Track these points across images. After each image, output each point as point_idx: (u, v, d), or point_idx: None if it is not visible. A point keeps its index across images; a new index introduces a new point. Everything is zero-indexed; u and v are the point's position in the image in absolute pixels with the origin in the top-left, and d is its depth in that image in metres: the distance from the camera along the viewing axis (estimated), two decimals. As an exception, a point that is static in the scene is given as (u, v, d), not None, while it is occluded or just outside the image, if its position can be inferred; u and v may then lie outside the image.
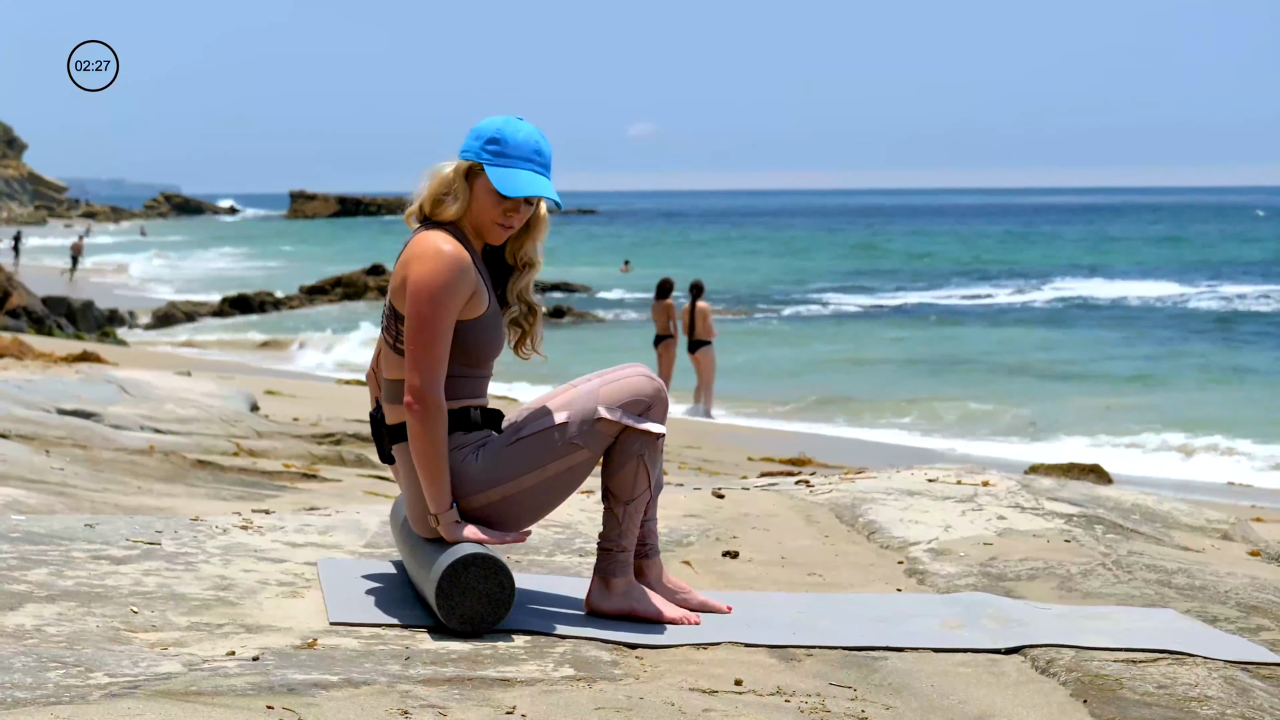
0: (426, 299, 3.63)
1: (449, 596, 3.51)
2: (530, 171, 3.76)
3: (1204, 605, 4.20)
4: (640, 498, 3.76)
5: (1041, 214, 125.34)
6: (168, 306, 35.20)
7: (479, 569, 3.52)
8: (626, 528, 3.77)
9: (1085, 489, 6.07)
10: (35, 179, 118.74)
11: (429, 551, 3.67)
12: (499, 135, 3.76)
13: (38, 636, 3.28)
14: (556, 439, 3.72)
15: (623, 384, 3.75)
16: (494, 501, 3.72)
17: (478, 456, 3.72)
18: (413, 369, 3.64)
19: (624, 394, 3.74)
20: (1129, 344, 28.32)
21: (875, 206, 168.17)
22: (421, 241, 3.70)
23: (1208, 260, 57.26)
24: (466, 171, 3.76)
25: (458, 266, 3.66)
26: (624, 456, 3.74)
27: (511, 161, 3.76)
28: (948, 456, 14.69)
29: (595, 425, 3.72)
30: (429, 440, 3.63)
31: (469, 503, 3.72)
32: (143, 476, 8.23)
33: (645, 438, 3.73)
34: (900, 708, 3.19)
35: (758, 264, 58.16)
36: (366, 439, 10.86)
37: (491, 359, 3.81)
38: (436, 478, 3.65)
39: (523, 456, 3.72)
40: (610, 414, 3.71)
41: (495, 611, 3.53)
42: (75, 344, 20.43)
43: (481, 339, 3.74)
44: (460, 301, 3.67)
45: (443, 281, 3.64)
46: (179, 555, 4.18)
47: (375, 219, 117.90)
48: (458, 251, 3.68)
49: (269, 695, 2.92)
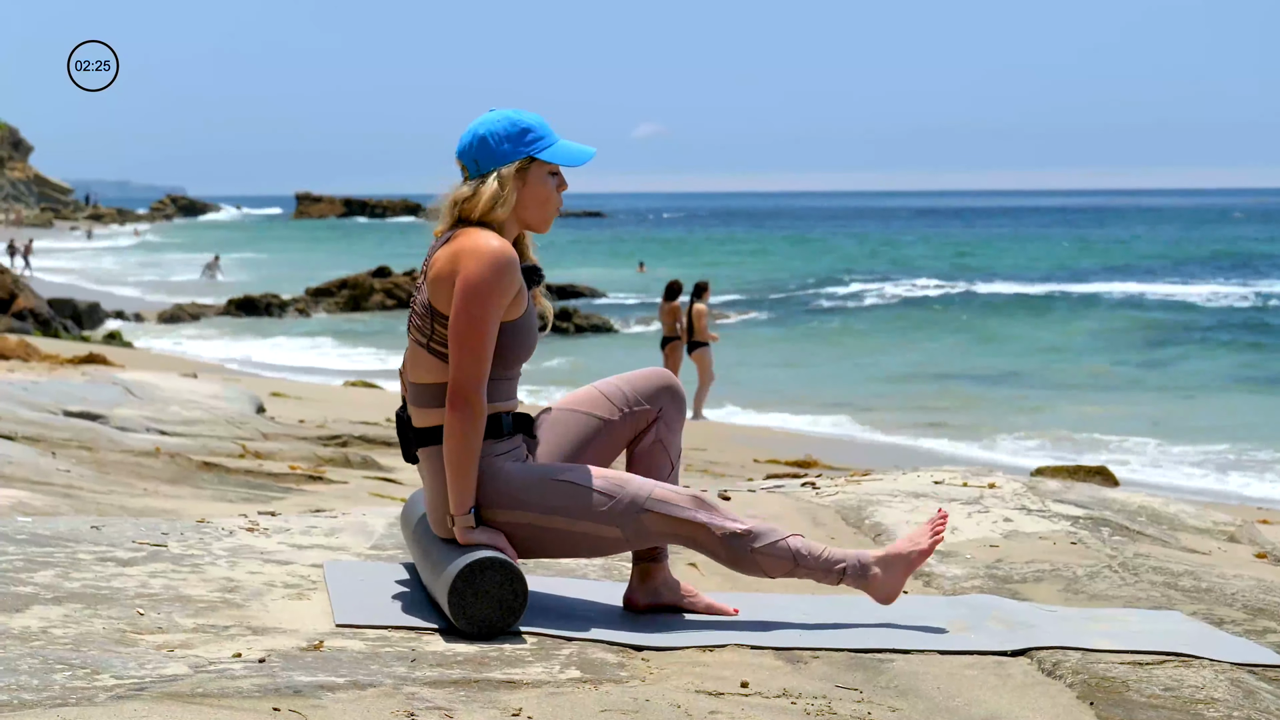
0: (478, 297, 3.61)
1: (461, 596, 3.50)
2: (566, 141, 3.81)
3: (1210, 607, 4.19)
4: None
5: (1017, 216, 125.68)
6: (174, 308, 35.23)
7: (495, 573, 3.51)
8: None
9: (1091, 491, 6.07)
10: (41, 181, 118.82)
11: (445, 552, 3.67)
12: (526, 125, 3.75)
13: (44, 638, 3.28)
14: (598, 504, 3.70)
15: (673, 492, 3.74)
16: (521, 524, 3.71)
17: (517, 469, 3.71)
18: (458, 368, 3.63)
19: (672, 497, 3.74)
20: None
21: (880, 208, 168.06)
22: (472, 238, 3.66)
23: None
24: (515, 173, 3.74)
25: (511, 266, 3.65)
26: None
27: (550, 139, 3.78)
28: (954, 459, 14.68)
29: (640, 517, 3.71)
30: (465, 443, 3.62)
31: (496, 515, 3.70)
32: (148, 478, 8.24)
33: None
34: (906, 710, 3.19)
35: (768, 263, 58.17)
36: (372, 441, 10.87)
37: (524, 361, 3.80)
38: (465, 480, 3.64)
39: (563, 499, 3.69)
40: (659, 508, 3.72)
41: (505, 618, 3.52)
42: (81, 346, 20.46)
43: (518, 341, 3.73)
44: (507, 301, 3.66)
45: (496, 280, 3.61)
46: (185, 557, 4.18)
47: (381, 221, 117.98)
48: (508, 250, 3.66)
49: (275, 697, 2.92)
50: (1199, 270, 51.73)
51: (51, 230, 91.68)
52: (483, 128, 3.76)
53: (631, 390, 3.91)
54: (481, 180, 3.73)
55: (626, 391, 3.91)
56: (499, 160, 3.74)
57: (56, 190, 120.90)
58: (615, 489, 3.71)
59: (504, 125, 3.76)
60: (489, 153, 3.74)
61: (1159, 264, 55.68)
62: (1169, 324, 32.80)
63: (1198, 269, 52.57)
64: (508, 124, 3.76)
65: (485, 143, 3.75)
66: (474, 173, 3.76)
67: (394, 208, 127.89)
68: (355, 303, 38.17)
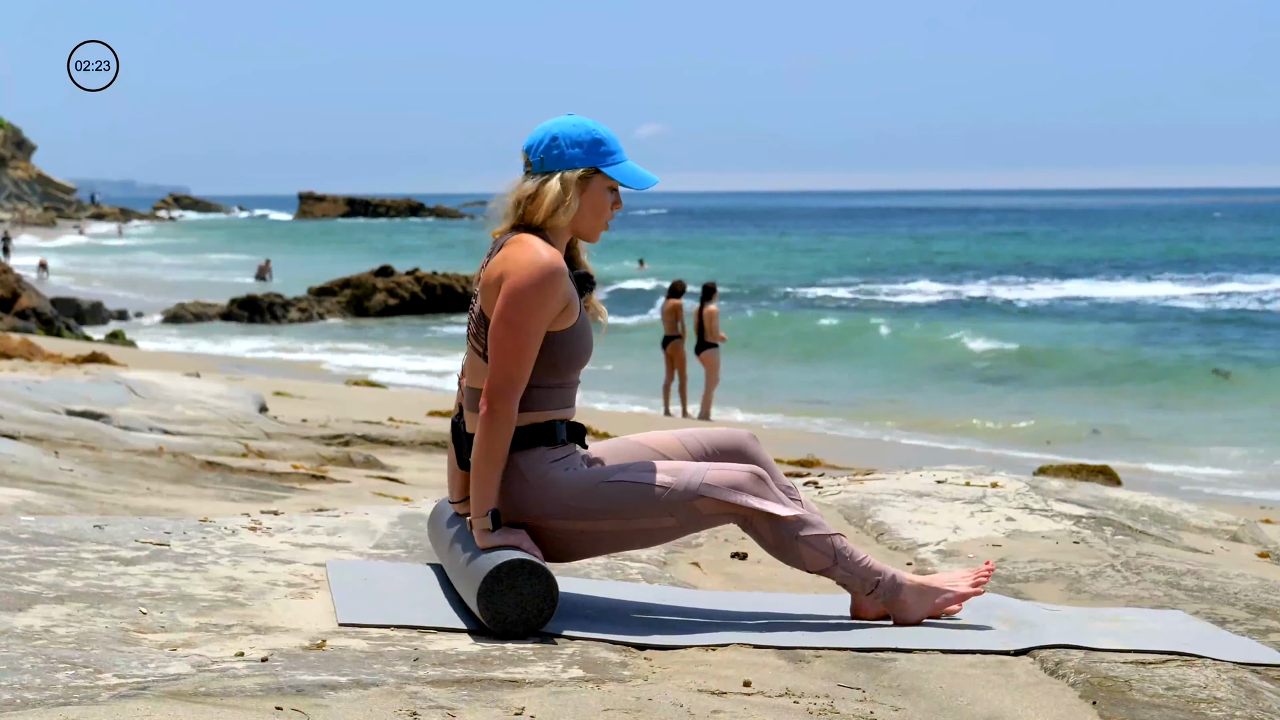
0: (521, 306, 3.60)
1: (497, 580, 3.47)
2: (633, 163, 3.80)
3: (1213, 607, 4.19)
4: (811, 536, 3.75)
5: (1002, 216, 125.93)
6: (176, 308, 35.24)
7: (538, 582, 3.50)
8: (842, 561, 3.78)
9: (1094, 490, 6.07)
10: (44, 180, 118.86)
11: (480, 554, 3.64)
12: (600, 136, 3.75)
13: (47, 637, 3.28)
14: (654, 497, 3.69)
15: (727, 473, 3.72)
16: (572, 531, 3.71)
17: (568, 477, 3.70)
18: (493, 373, 3.63)
19: (726, 479, 3.72)
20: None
21: (882, 208, 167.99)
22: (524, 247, 3.65)
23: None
24: (578, 179, 3.72)
25: (559, 277, 3.63)
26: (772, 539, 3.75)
27: (619, 157, 3.77)
28: (957, 458, 14.68)
29: (693, 503, 3.71)
30: (489, 448, 3.62)
31: (547, 522, 3.69)
32: (151, 478, 8.24)
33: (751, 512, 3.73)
34: (909, 709, 3.18)
35: (767, 262, 58.16)
36: (375, 440, 10.87)
37: (581, 368, 3.79)
38: (485, 484, 3.64)
39: (617, 500, 3.69)
40: (714, 494, 3.70)
41: (519, 627, 3.51)
42: (84, 345, 20.47)
43: (571, 349, 3.72)
44: (553, 312, 3.65)
45: (539, 291, 3.60)
46: (188, 556, 4.18)
47: (384, 220, 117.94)
48: (557, 260, 3.64)
49: (277, 696, 2.92)
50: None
51: (52, 229, 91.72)
52: (557, 128, 3.75)
53: (711, 445, 3.91)
54: (544, 179, 3.72)
55: (706, 445, 3.91)
56: (565, 164, 3.73)
57: (60, 190, 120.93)
58: (669, 478, 3.70)
59: (579, 131, 3.75)
60: (557, 153, 3.73)
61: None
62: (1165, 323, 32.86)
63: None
64: (583, 131, 3.75)
65: (556, 142, 3.74)
66: (537, 169, 3.75)
67: (397, 207, 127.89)
68: (358, 302, 38.16)
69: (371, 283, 39.39)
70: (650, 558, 4.60)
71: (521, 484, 3.70)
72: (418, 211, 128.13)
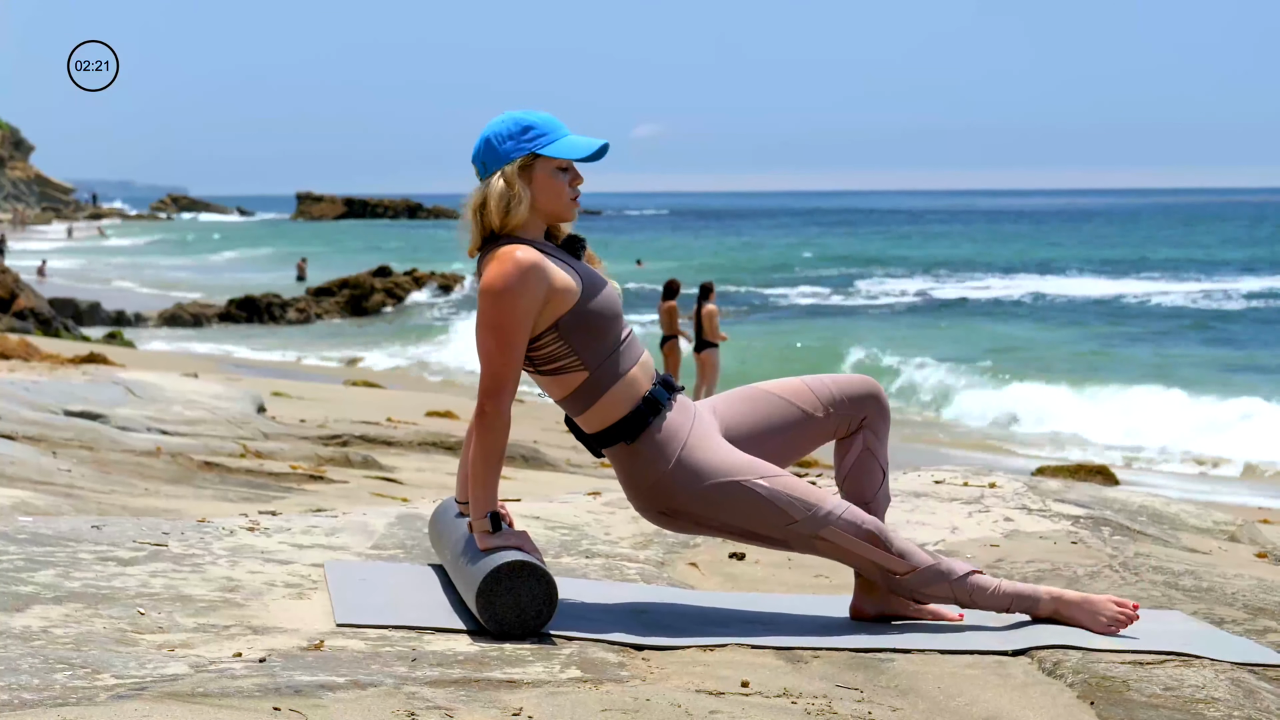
0: (493, 305, 3.61)
1: (496, 581, 3.47)
2: (574, 134, 3.78)
3: (1211, 607, 4.19)
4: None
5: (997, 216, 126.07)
6: (175, 308, 35.23)
7: (538, 584, 3.49)
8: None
9: (1092, 490, 6.07)
10: (42, 180, 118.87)
11: (479, 555, 3.64)
12: (528, 123, 3.74)
13: (44, 638, 3.28)
14: (781, 521, 3.71)
15: (855, 521, 3.74)
16: (698, 519, 3.73)
17: (712, 463, 3.70)
18: (482, 375, 3.64)
19: (850, 527, 3.74)
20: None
21: (883, 208, 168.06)
22: (496, 256, 3.66)
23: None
24: (519, 170, 3.73)
25: (530, 270, 3.62)
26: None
27: (555, 134, 3.75)
28: (955, 458, 14.68)
29: (814, 541, 3.73)
30: (483, 451, 3.62)
31: (679, 502, 3.70)
32: (150, 478, 8.24)
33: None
34: (907, 709, 3.19)
35: (768, 262, 58.18)
36: (373, 440, 10.87)
37: (620, 322, 3.76)
38: (481, 487, 3.63)
39: (748, 508, 3.70)
40: (837, 539, 3.74)
41: (518, 629, 3.51)
42: (82, 345, 20.46)
43: (599, 310, 3.70)
44: (532, 304, 3.63)
45: (510, 287, 3.60)
46: (186, 557, 4.18)
47: (382, 221, 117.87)
48: (529, 256, 3.63)
49: (275, 697, 2.92)
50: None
51: (50, 229, 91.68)
52: (489, 129, 3.77)
53: (840, 392, 3.91)
54: (488, 182, 3.74)
55: (835, 392, 3.91)
56: (502, 159, 3.74)
57: (58, 190, 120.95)
58: (805, 509, 3.71)
59: (507, 125, 3.76)
60: (494, 153, 3.75)
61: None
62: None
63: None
64: (511, 123, 3.76)
65: (490, 144, 3.76)
66: (483, 175, 3.77)
67: (395, 208, 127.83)
68: (356, 303, 38.17)
69: (370, 283, 39.42)
70: (648, 558, 4.60)
71: (663, 469, 3.69)
72: (416, 212, 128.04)
